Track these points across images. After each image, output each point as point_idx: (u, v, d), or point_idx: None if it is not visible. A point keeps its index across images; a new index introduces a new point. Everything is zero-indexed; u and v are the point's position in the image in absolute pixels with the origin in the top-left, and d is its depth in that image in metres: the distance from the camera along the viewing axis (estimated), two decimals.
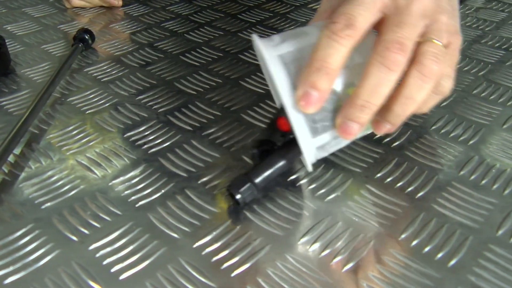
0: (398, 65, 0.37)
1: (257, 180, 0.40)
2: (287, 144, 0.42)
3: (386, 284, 0.34)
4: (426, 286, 0.34)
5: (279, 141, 0.42)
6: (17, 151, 0.47)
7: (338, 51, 0.37)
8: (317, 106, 0.37)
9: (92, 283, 0.34)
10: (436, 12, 0.40)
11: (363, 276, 0.35)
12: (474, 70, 0.63)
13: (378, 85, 0.37)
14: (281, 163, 0.41)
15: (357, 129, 0.38)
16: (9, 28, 0.75)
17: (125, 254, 0.37)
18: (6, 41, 0.63)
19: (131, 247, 0.37)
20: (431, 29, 0.39)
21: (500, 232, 0.39)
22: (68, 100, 0.56)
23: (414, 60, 0.38)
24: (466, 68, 0.63)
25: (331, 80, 0.37)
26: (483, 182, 0.44)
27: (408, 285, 0.34)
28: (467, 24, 0.77)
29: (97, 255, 0.37)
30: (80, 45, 0.65)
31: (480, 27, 0.75)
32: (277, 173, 0.41)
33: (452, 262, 0.36)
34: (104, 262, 0.36)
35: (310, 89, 0.36)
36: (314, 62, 0.37)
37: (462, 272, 0.35)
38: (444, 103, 0.55)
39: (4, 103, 0.56)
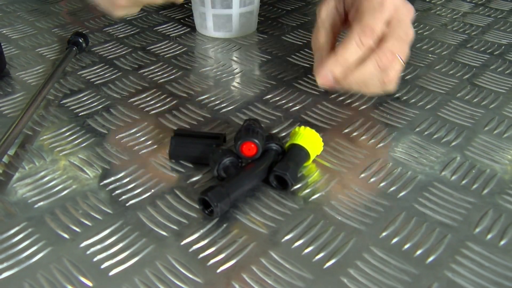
0: None
1: (234, 194, 0.41)
2: (259, 159, 0.44)
3: (366, 280, 0.36)
4: (404, 282, 0.36)
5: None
6: (11, 152, 0.49)
7: None
8: None
9: (82, 279, 0.36)
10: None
11: (344, 273, 0.36)
12: (459, 74, 0.64)
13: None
14: (254, 182, 0.44)
15: None
16: (4, 31, 0.76)
17: (114, 251, 0.38)
18: (1, 44, 0.64)
19: (120, 245, 0.39)
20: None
21: (477, 230, 0.40)
22: (61, 102, 0.57)
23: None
24: (451, 72, 0.65)
25: None
26: (463, 182, 0.45)
27: (386, 281, 0.36)
28: (454, 29, 0.78)
29: (88, 252, 0.38)
30: (74, 49, 0.66)
31: (466, 32, 0.77)
32: (249, 189, 0.44)
33: (430, 259, 0.37)
34: (95, 259, 0.37)
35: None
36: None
37: (439, 269, 0.37)
38: (429, 106, 0.57)
39: None
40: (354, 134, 0.52)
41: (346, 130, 0.52)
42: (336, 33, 0.55)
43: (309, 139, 0.45)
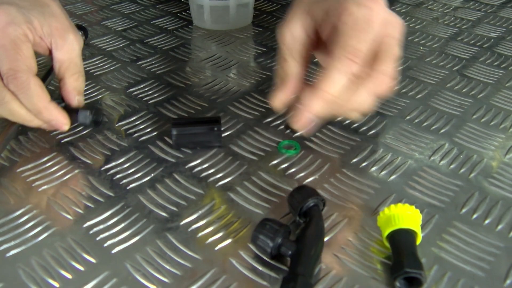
0: None
1: (313, 277, 0.35)
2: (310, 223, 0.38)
3: (357, 255, 0.38)
4: (391, 258, 0.37)
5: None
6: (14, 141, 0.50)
7: None
8: None
9: (86, 256, 0.37)
10: None
11: (337, 249, 0.38)
12: (449, 65, 0.66)
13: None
14: (321, 248, 0.37)
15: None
16: None
17: (116, 231, 0.40)
18: None
19: (122, 225, 0.40)
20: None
21: (463, 210, 0.42)
22: None
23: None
24: (442, 63, 0.67)
25: None
26: (451, 167, 0.47)
27: (377, 257, 0.38)
28: (445, 22, 0.80)
29: (91, 232, 0.40)
30: None
31: (457, 25, 0.79)
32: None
33: None
34: (98, 238, 0.39)
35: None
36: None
37: (426, 245, 0.39)
38: (419, 95, 0.59)
39: None
40: (347, 121, 0.53)
41: (339, 118, 0.54)
42: (307, 61, 0.46)
43: (406, 215, 0.37)
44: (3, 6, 0.46)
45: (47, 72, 0.57)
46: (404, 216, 0.37)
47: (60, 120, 0.47)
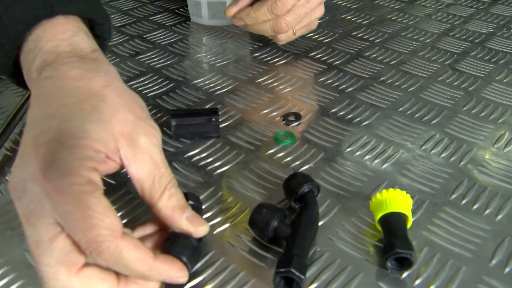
0: None
1: (308, 258, 0.37)
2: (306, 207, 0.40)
3: (350, 238, 0.39)
4: (383, 241, 0.39)
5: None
6: (16, 130, 0.51)
7: None
8: None
9: None
10: None
11: (331, 233, 0.40)
12: (441, 60, 0.68)
13: None
14: (315, 232, 0.39)
15: None
16: None
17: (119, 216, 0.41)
18: None
19: (123, 211, 0.42)
20: None
21: (453, 196, 0.44)
22: None
23: None
24: (434, 58, 0.68)
25: None
26: (442, 155, 0.49)
27: (368, 240, 0.39)
28: (437, 19, 0.82)
29: None
30: None
31: (449, 21, 0.81)
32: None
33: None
34: None
35: None
36: None
37: (417, 229, 0.40)
38: (412, 88, 0.60)
39: (3, 88, 0.60)
40: (341, 113, 0.55)
41: (333, 110, 0.56)
42: None
43: (398, 200, 0.39)
44: (36, 140, 0.32)
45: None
46: (395, 200, 0.38)
47: (174, 275, 0.34)
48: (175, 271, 0.33)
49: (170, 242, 0.34)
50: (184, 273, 0.34)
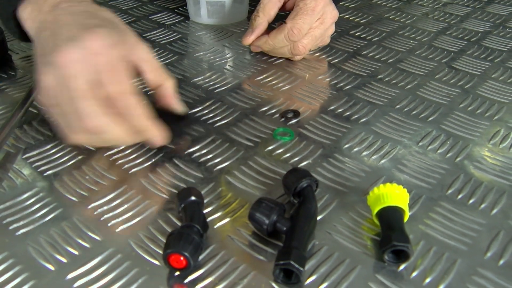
0: None
1: (307, 251, 0.38)
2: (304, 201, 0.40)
3: (348, 232, 0.40)
4: (380, 235, 0.40)
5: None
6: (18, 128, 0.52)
7: None
8: None
9: (91, 234, 0.39)
10: None
11: (329, 227, 0.40)
12: (437, 58, 0.68)
13: None
14: (314, 225, 0.40)
15: None
16: None
17: (120, 211, 0.42)
18: (3, 31, 0.67)
19: (125, 206, 0.42)
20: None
21: (449, 191, 0.44)
22: None
23: None
24: (430, 56, 0.69)
25: None
26: (439, 151, 0.49)
27: (366, 233, 0.40)
28: (434, 17, 0.83)
29: (96, 212, 0.42)
30: None
31: (446, 20, 0.82)
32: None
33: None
34: (102, 218, 0.41)
35: None
36: None
37: (414, 223, 0.41)
38: (409, 86, 0.61)
39: (4, 87, 0.60)
40: (339, 110, 0.56)
41: (331, 107, 0.56)
42: (271, 18, 0.66)
43: (395, 194, 0.39)
44: (98, 29, 0.44)
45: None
46: (392, 194, 0.39)
47: (158, 136, 0.47)
48: (161, 133, 0.47)
49: (173, 238, 0.35)
50: (165, 137, 0.47)
